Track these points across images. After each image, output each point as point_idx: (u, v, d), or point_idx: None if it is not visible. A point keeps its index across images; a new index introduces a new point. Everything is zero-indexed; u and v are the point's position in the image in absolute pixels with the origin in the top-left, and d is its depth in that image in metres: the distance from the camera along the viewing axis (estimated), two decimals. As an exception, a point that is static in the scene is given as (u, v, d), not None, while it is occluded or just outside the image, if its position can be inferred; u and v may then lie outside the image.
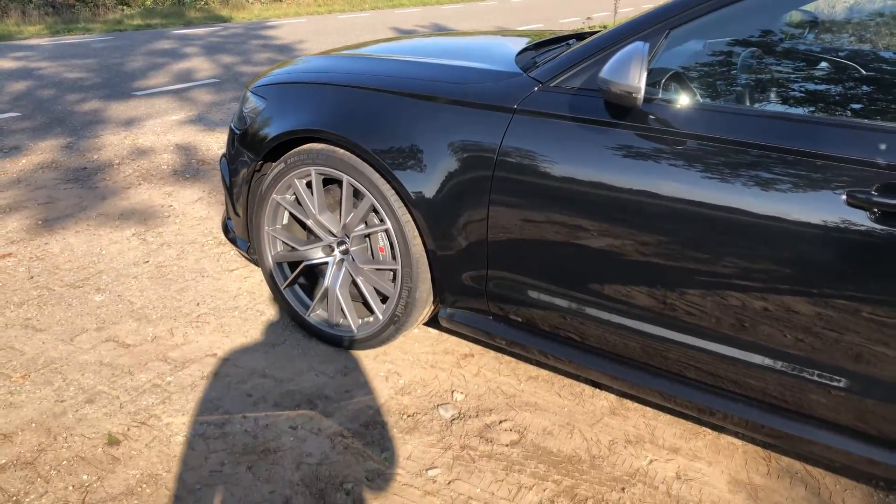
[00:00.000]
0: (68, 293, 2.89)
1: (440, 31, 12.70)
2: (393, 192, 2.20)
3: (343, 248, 2.46)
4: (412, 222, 2.20)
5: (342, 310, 2.48)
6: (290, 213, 2.54)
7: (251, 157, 2.49)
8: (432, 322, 2.66)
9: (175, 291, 2.94)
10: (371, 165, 2.21)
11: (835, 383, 1.69)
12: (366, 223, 2.37)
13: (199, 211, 3.86)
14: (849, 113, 2.02)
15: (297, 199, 2.48)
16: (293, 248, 2.55)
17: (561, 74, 1.98)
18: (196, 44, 10.75)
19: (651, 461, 2.08)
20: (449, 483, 1.97)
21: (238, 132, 2.58)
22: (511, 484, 1.97)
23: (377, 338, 2.43)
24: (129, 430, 2.11)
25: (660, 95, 1.83)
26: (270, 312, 2.80)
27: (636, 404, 2.33)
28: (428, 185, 2.11)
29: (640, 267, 1.85)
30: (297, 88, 2.44)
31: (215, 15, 15.81)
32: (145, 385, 2.32)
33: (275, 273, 2.60)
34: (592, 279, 1.96)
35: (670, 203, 1.76)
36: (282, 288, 2.60)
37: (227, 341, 2.60)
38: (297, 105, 2.39)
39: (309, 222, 2.48)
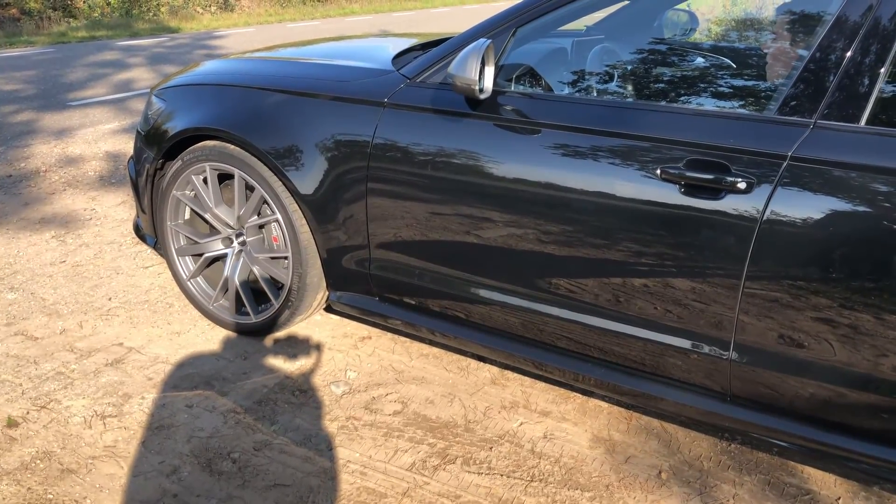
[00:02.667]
0: (-19, 292, 2.98)
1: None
2: (281, 184, 2.35)
3: (241, 239, 2.61)
4: (300, 212, 2.35)
5: (241, 298, 2.63)
6: (191, 209, 2.68)
7: (153, 156, 2.64)
8: (332, 308, 2.81)
9: (88, 288, 3.04)
10: (259, 159, 2.36)
11: (682, 346, 1.88)
12: (258, 214, 2.52)
13: (121, 213, 3.96)
14: (666, 99, 2.26)
15: (195, 194, 2.61)
16: (195, 241, 2.69)
17: (425, 71, 2.18)
18: (140, 54, 10.76)
19: (521, 423, 2.26)
20: (330, 449, 2.12)
21: (143, 133, 2.72)
22: (388, 448, 2.13)
23: (275, 323, 2.58)
24: (28, 413, 2.22)
25: (512, 88, 2.10)
26: (179, 304, 2.92)
27: (517, 375, 2.50)
28: (312, 176, 2.27)
29: (499, 245, 2.04)
30: (194, 90, 2.61)
31: (164, 26, 15.78)
32: (49, 373, 2.43)
33: (180, 265, 2.74)
34: (462, 259, 2.14)
35: (521, 185, 1.95)
36: (186, 280, 2.74)
37: (135, 332, 2.71)
38: (193, 105, 2.55)
39: (207, 216, 2.62)
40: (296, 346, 2.65)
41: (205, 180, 2.56)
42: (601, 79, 2.43)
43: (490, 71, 1.93)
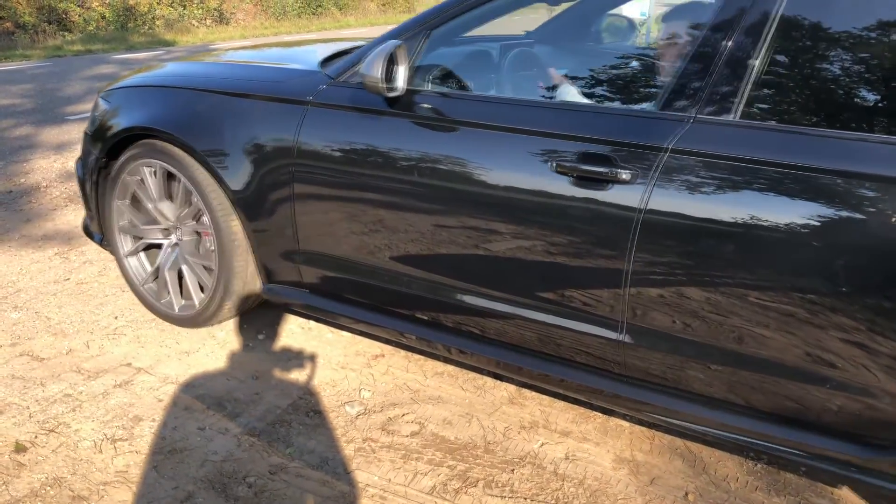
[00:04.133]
0: (-16, 312, 2.92)
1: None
2: (213, 180, 2.44)
3: (177, 234, 2.72)
4: (231, 206, 2.45)
5: (168, 287, 2.74)
6: (132, 203, 2.78)
7: (98, 155, 2.73)
8: (346, 327, 2.77)
9: (94, 306, 2.99)
10: (194, 157, 2.46)
11: (580, 329, 1.97)
12: (190, 205, 2.61)
13: (124, 229, 3.90)
14: (565, 97, 2.38)
15: (135, 192, 2.72)
16: (136, 225, 2.79)
17: (346, 71, 2.29)
18: (136, 67, 10.72)
19: (542, 444, 2.21)
20: (348, 473, 2.06)
21: (89, 134, 2.81)
22: (408, 471, 2.08)
23: (202, 315, 2.66)
24: (36, 437, 2.16)
25: (429, 87, 2.20)
26: (187, 322, 2.87)
27: (535, 394, 2.46)
28: (243, 173, 2.37)
29: (412, 236, 2.15)
30: (136, 91, 2.72)
31: (159, 39, 15.77)
32: (56, 395, 2.37)
33: (120, 242, 2.83)
34: (380, 251, 2.24)
35: (431, 178, 2.06)
36: (124, 256, 2.83)
37: (143, 351, 2.66)
38: (134, 106, 2.67)
39: (149, 206, 2.71)
40: (308, 365, 2.60)
41: (145, 177, 2.65)
42: (513, 79, 2.58)
43: (403, 70, 2.06)
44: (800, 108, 1.74)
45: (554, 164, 1.87)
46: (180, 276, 2.74)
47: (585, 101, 2.27)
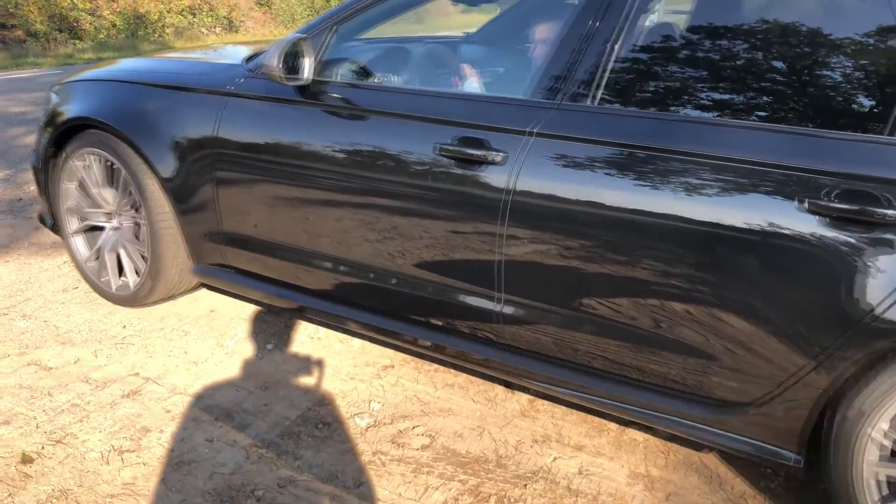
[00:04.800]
0: (-7, 320, 2.90)
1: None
2: (147, 167, 2.61)
3: (119, 219, 2.90)
4: (162, 191, 2.61)
5: (107, 267, 2.93)
6: (79, 186, 2.94)
7: (46, 145, 2.91)
8: (354, 334, 2.74)
9: (102, 315, 2.97)
10: (129, 145, 2.63)
11: (463, 300, 2.15)
12: (128, 192, 2.78)
13: (133, 237, 3.89)
14: (454, 87, 2.62)
15: (80, 181, 2.89)
16: (82, 207, 2.95)
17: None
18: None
19: (555, 458, 2.17)
20: (358, 486, 2.03)
21: (41, 125, 2.98)
22: (418, 485, 2.04)
23: (136, 295, 2.86)
24: (43, 448, 2.14)
25: (337, 79, 2.39)
26: (195, 332, 2.85)
27: (546, 405, 2.42)
28: (171, 160, 2.56)
29: (322, 217, 2.33)
30: (83, 85, 2.92)
31: (169, 47, 15.84)
32: (64, 405, 2.35)
33: (66, 221, 3.00)
34: (292, 230, 2.41)
35: (334, 163, 2.24)
36: (69, 235, 3.00)
37: (151, 361, 2.64)
38: (79, 99, 2.85)
39: (94, 191, 2.88)
40: (317, 376, 2.57)
41: (89, 165, 2.82)
42: (423, 74, 2.78)
43: (308, 62, 2.25)
44: (651, 96, 1.97)
45: (439, 148, 2.05)
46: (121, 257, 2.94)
47: (479, 91, 2.54)
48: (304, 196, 2.34)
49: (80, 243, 3.01)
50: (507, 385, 2.50)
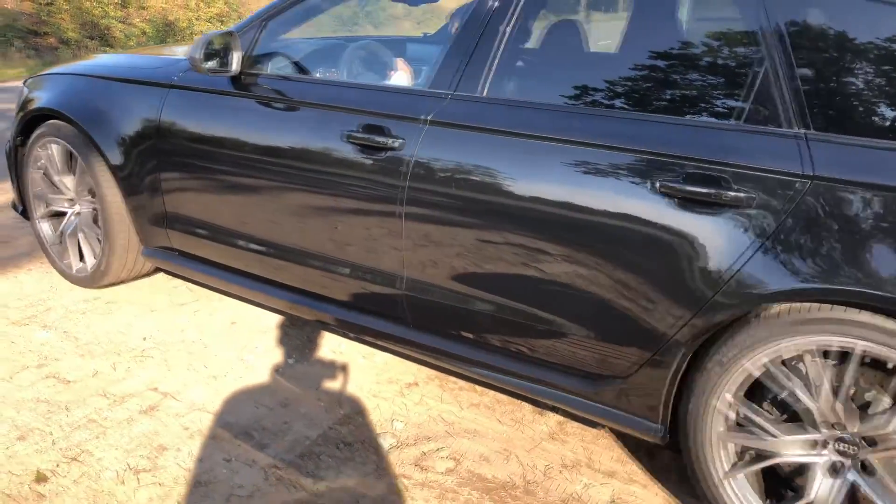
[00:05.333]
0: (13, 330, 2.87)
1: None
2: (99, 154, 2.78)
3: (77, 207, 3.07)
4: (113, 179, 2.79)
5: (69, 250, 3.13)
6: (44, 174, 3.12)
7: (15, 133, 3.13)
8: (378, 352, 2.67)
9: (122, 326, 2.92)
10: (84, 135, 2.81)
11: (373, 281, 2.29)
12: (85, 178, 2.93)
13: (156, 246, 3.85)
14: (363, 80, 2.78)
15: (44, 169, 3.06)
16: (46, 193, 3.14)
17: None
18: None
19: (586, 486, 2.07)
20: (379, 512, 1.95)
21: (14, 116, 3.15)
22: (443, 512, 1.96)
23: (93, 276, 3.06)
24: (58, 466, 2.08)
25: (267, 71, 2.53)
26: (216, 346, 2.79)
27: (575, 429, 2.32)
28: (121, 148, 2.73)
29: (252, 201, 2.47)
30: (51, 78, 3.10)
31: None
32: (81, 421, 2.30)
33: (33, 206, 3.19)
34: (229, 214, 2.57)
35: (260, 151, 2.39)
36: (37, 219, 3.20)
37: (170, 375, 2.58)
38: (45, 91, 3.03)
39: (55, 178, 3.06)
40: (339, 393, 2.50)
41: (51, 153, 3.00)
42: (345, 67, 2.85)
43: (237, 56, 2.41)
44: (534, 87, 2.21)
45: (347, 135, 2.19)
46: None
47: (396, 84, 2.70)
48: (233, 182, 2.50)
49: (45, 228, 3.20)
50: (536, 404, 2.41)
